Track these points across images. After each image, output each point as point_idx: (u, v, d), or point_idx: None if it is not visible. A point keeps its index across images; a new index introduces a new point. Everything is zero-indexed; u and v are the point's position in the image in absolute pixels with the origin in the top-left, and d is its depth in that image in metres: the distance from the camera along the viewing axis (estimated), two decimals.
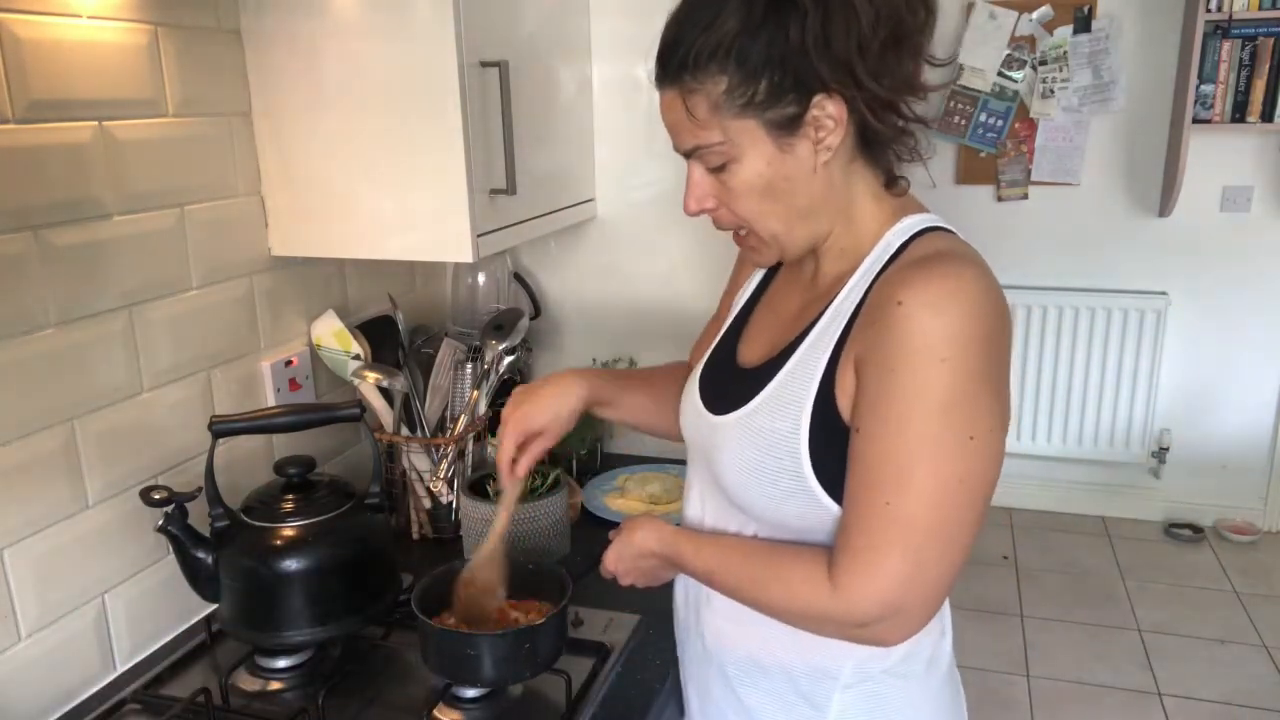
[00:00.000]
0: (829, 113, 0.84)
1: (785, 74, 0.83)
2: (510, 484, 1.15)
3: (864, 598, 0.83)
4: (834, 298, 0.92)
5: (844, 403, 0.87)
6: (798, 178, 0.88)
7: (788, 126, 0.85)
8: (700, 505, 1.06)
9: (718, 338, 1.10)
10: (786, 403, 0.91)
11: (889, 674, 0.97)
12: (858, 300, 0.89)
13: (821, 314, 0.92)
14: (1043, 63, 3.48)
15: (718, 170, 0.89)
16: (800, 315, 0.97)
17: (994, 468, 0.84)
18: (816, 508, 0.89)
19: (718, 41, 0.83)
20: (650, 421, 1.22)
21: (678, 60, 0.86)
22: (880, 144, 0.90)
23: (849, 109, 0.85)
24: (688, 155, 0.91)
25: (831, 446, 0.88)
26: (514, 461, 1.14)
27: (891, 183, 0.93)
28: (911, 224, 0.92)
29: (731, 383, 1.00)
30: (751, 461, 0.92)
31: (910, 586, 0.83)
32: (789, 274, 1.05)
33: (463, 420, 1.59)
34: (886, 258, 0.89)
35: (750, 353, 1.02)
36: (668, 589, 1.13)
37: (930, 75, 0.89)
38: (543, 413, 1.13)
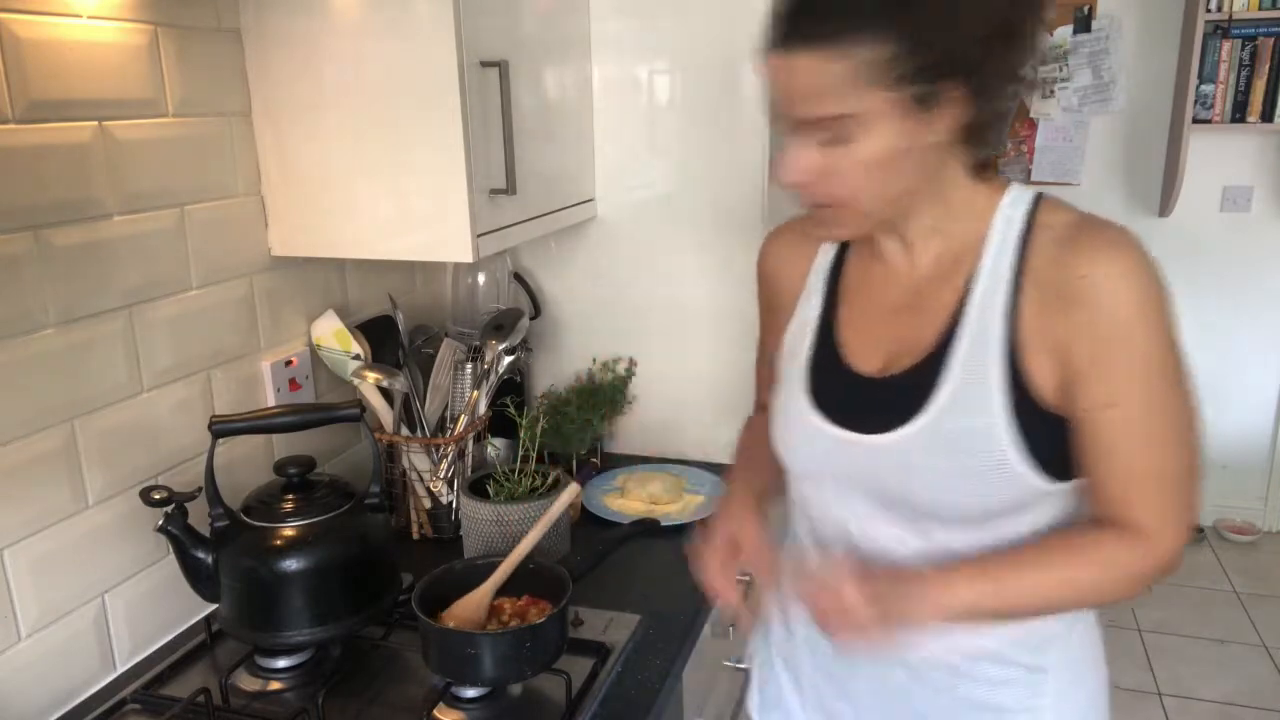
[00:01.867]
0: (957, 95, 0.83)
1: (934, 52, 0.81)
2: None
3: (1177, 541, 0.91)
4: (971, 280, 0.91)
5: (1042, 384, 0.88)
6: (910, 158, 0.86)
7: (919, 105, 0.83)
8: (859, 525, 1.00)
9: (808, 357, 1.03)
10: (974, 399, 0.89)
11: (1080, 619, 1.03)
12: (1009, 275, 0.89)
13: (964, 301, 0.91)
14: (1043, 63, 3.48)
15: (831, 143, 0.85)
16: (916, 309, 0.95)
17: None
18: (1022, 491, 0.90)
19: (875, 10, 0.80)
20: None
21: (829, 24, 0.81)
22: (983, 130, 0.89)
23: (973, 94, 0.84)
24: (801, 125, 0.86)
25: (1033, 427, 0.88)
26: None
27: (983, 167, 0.94)
28: (1019, 194, 0.93)
29: (866, 398, 0.96)
30: (951, 468, 0.91)
31: (1196, 516, 0.92)
32: (866, 264, 1.02)
33: (463, 420, 1.59)
34: (1018, 230, 0.91)
35: (866, 357, 0.98)
36: (669, 592, 1.12)
37: None
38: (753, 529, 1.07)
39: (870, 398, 0.96)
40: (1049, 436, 0.89)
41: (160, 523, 1.17)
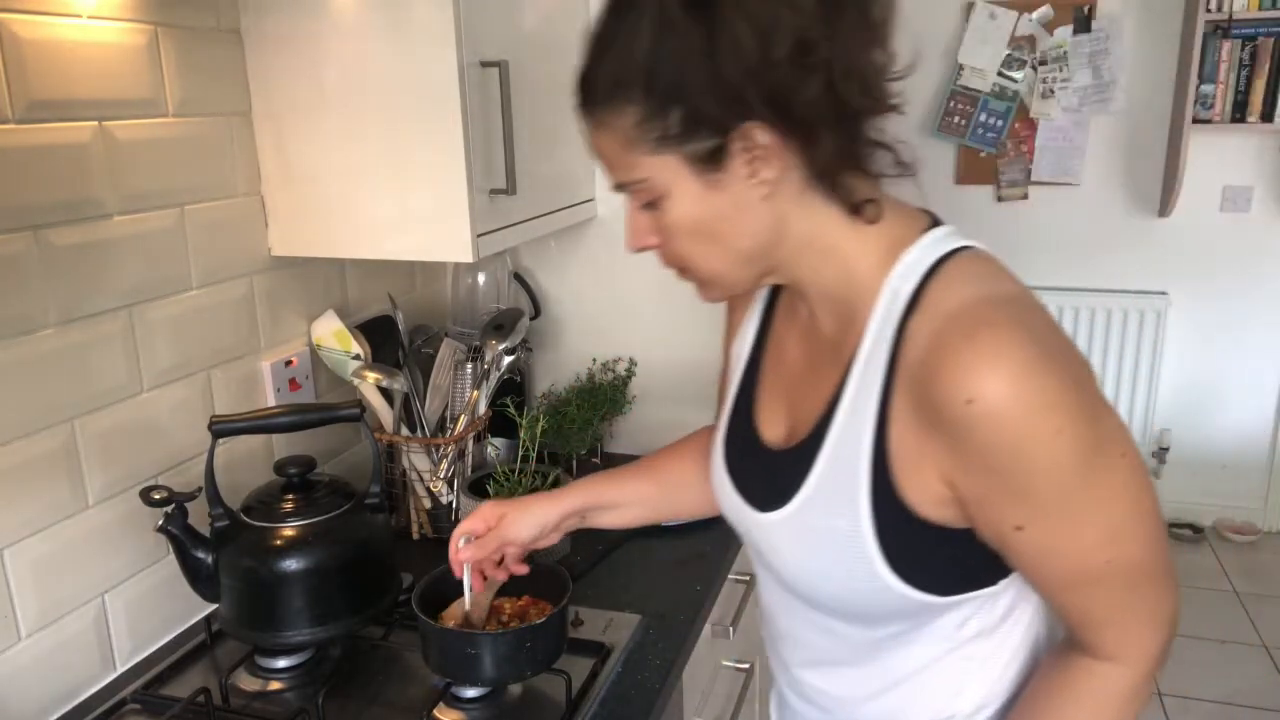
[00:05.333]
0: (759, 142, 0.72)
1: (687, 106, 0.72)
2: (478, 594, 1.12)
3: (1157, 647, 0.81)
4: (851, 361, 0.80)
5: (918, 501, 0.77)
6: (735, 215, 0.77)
7: (711, 160, 0.74)
8: (770, 596, 0.99)
9: (729, 408, 0.98)
10: (837, 497, 0.80)
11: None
12: (884, 364, 0.77)
13: (844, 383, 0.80)
14: (1043, 63, 3.48)
15: (650, 207, 0.79)
16: (813, 376, 0.86)
17: (1142, 463, 0.77)
18: (895, 597, 0.81)
19: (625, 68, 0.73)
20: (660, 511, 1.16)
21: (589, 90, 0.78)
22: (834, 167, 0.76)
23: (790, 131, 0.72)
24: (618, 190, 0.81)
25: (902, 536, 0.78)
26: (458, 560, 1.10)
27: (855, 211, 0.78)
28: (914, 262, 0.78)
29: (763, 469, 0.90)
30: (815, 563, 0.84)
31: (1176, 609, 0.83)
32: (785, 316, 0.93)
33: (463, 420, 1.59)
34: (900, 310, 0.76)
35: (771, 427, 0.91)
36: (669, 592, 1.13)
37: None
38: (525, 527, 1.09)
39: (766, 470, 0.89)
40: (930, 549, 0.78)
41: (160, 523, 1.17)
